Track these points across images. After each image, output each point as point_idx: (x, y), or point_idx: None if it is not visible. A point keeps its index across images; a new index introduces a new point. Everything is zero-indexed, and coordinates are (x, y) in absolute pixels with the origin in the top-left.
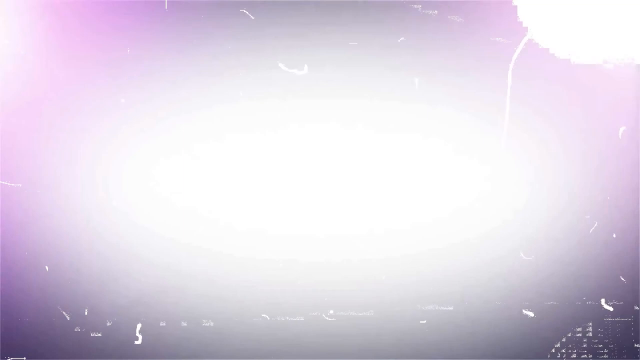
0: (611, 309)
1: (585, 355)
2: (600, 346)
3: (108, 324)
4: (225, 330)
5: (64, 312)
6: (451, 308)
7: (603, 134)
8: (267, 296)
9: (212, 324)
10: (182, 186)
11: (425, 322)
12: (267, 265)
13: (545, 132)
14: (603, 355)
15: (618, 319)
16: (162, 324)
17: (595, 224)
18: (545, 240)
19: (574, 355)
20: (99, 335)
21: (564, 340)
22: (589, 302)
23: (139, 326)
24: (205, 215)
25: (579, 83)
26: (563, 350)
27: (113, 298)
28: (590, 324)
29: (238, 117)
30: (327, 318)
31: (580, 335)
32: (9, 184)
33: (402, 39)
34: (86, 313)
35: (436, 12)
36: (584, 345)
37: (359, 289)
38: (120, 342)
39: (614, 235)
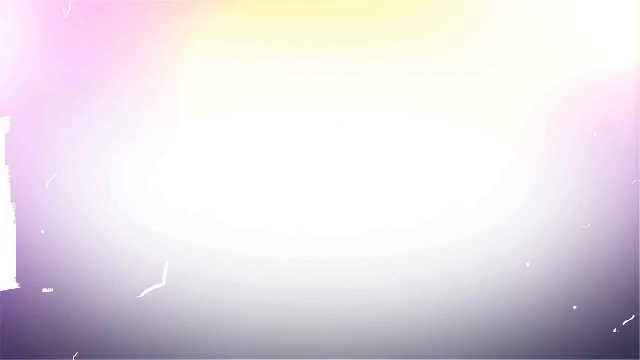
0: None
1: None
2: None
3: (108, 323)
4: (226, 330)
5: (64, 312)
6: (452, 307)
7: (603, 134)
8: (268, 296)
9: (211, 324)
10: (181, 186)
11: (426, 321)
12: (268, 264)
13: (545, 132)
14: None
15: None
16: (162, 323)
17: (596, 225)
18: (547, 240)
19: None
20: (99, 335)
21: (564, 340)
22: (588, 303)
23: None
24: (204, 215)
25: (579, 83)
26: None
27: (113, 298)
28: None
29: (237, 113)
30: (328, 317)
31: (580, 336)
32: None
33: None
34: (86, 313)
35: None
36: (584, 345)
37: (360, 289)
38: (120, 342)
39: (614, 237)
